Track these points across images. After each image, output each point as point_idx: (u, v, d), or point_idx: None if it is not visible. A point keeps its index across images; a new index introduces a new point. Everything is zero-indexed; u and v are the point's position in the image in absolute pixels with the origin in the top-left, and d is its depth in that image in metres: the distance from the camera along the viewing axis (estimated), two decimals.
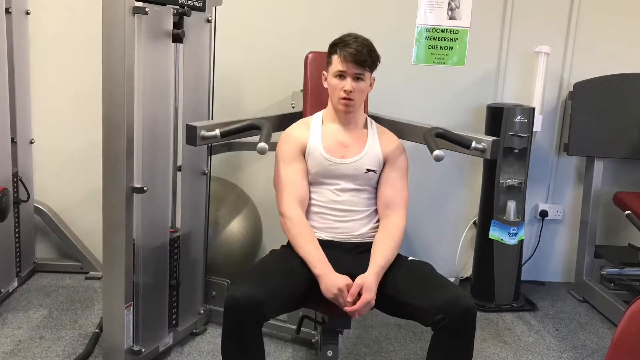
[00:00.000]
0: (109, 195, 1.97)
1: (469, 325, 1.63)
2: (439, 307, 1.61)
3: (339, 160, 1.91)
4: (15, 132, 2.71)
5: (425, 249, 3.14)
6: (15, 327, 2.43)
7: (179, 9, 2.07)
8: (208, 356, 2.31)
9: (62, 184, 2.99)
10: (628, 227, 2.97)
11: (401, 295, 1.73)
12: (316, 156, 1.92)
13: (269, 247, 1.98)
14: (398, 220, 1.90)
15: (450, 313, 1.59)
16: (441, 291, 1.66)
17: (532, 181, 2.98)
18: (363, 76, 1.90)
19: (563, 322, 2.79)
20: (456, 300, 1.61)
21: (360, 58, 1.86)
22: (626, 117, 2.92)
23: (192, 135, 1.92)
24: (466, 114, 3.05)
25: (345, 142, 1.95)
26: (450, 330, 1.61)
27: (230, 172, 2.98)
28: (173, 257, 2.25)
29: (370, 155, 1.95)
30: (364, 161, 1.93)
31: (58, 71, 2.90)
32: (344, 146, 1.94)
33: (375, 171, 1.94)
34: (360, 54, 1.86)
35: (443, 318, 1.59)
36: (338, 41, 1.92)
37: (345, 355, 2.37)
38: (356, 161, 1.93)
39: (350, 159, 1.93)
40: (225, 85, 2.70)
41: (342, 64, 1.88)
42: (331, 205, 1.91)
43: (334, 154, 1.92)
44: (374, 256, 1.80)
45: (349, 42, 1.88)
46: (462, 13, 2.96)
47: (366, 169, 1.92)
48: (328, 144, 1.94)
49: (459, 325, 1.61)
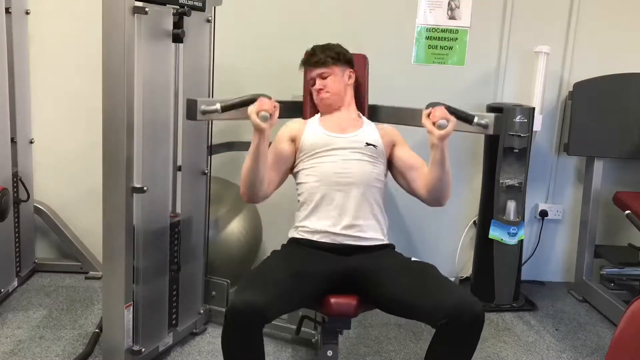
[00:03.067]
0: (109, 195, 1.97)
1: (477, 329, 1.61)
2: (447, 311, 1.58)
3: (337, 134, 1.99)
4: (15, 132, 2.71)
5: (425, 248, 3.14)
6: (15, 327, 2.43)
7: (179, 9, 2.07)
8: (208, 356, 2.31)
9: (62, 184, 3.00)
10: (628, 227, 2.97)
11: (406, 296, 1.71)
12: (315, 133, 2.00)
13: (269, 247, 1.98)
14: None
15: (459, 317, 1.57)
16: (449, 295, 1.63)
17: (532, 181, 2.98)
18: (328, 73, 2.05)
19: (563, 321, 2.80)
20: (465, 306, 1.58)
21: (316, 59, 2.05)
22: (626, 117, 2.92)
23: (192, 109, 1.89)
24: None
25: (342, 125, 2.03)
26: (457, 334, 1.59)
27: (230, 172, 2.98)
28: (173, 257, 2.25)
29: (367, 132, 2.02)
30: (362, 136, 1.99)
31: (58, 71, 2.90)
32: (342, 127, 2.03)
33: (375, 146, 1.97)
34: (313, 55, 2.06)
35: (450, 322, 1.57)
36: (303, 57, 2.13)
37: (345, 355, 2.37)
38: (354, 136, 2.00)
39: (349, 133, 2.00)
40: (225, 85, 2.70)
41: (307, 72, 2.10)
42: (332, 178, 1.90)
43: (333, 130, 2.01)
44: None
45: (309, 52, 2.10)
46: (462, 13, 2.96)
47: (365, 142, 1.97)
48: (326, 125, 2.03)
49: (467, 329, 1.59)
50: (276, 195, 2.28)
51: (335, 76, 2.05)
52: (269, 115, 1.70)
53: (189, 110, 1.90)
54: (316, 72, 2.05)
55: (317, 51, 2.06)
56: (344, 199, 1.89)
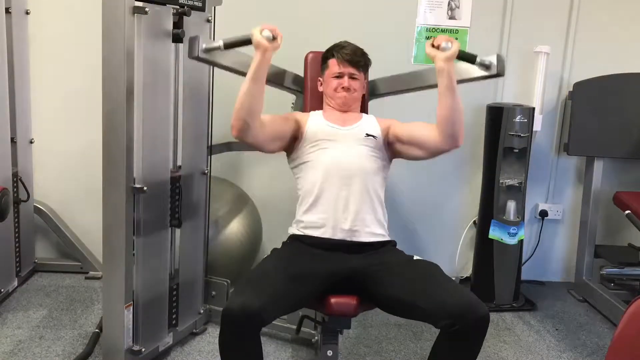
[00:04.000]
0: (108, 195, 1.97)
1: (481, 332, 1.61)
2: (450, 312, 1.58)
3: (339, 126, 2.01)
4: (15, 132, 2.71)
5: (425, 248, 3.14)
6: (15, 327, 2.43)
7: (178, 9, 2.07)
8: (208, 356, 2.31)
9: (62, 184, 2.99)
10: (628, 227, 2.97)
11: (408, 296, 1.70)
12: (318, 123, 2.02)
13: (269, 247, 1.98)
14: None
15: (464, 320, 1.56)
16: (453, 296, 1.62)
17: (532, 181, 2.98)
18: (359, 77, 2.07)
19: (563, 321, 2.80)
20: (471, 308, 1.58)
21: (355, 59, 2.05)
22: (626, 117, 2.92)
23: (194, 46, 1.87)
24: (466, 113, 2.97)
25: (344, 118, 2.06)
26: (462, 337, 1.59)
27: (230, 172, 2.98)
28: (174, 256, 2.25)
29: (367, 123, 2.05)
30: (362, 127, 2.02)
31: (58, 71, 2.90)
32: (344, 120, 2.05)
33: (375, 137, 1.99)
34: (355, 55, 2.05)
35: (454, 324, 1.57)
36: (333, 46, 2.10)
37: (345, 355, 2.37)
38: (355, 127, 2.02)
39: (350, 125, 2.03)
40: (225, 84, 2.70)
41: (338, 65, 2.05)
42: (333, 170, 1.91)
43: (335, 122, 2.03)
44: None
45: (344, 45, 2.07)
46: (462, 13, 2.96)
47: (366, 133, 2.00)
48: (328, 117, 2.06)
49: (472, 333, 1.59)
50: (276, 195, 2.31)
51: (361, 82, 2.08)
52: (271, 36, 1.76)
53: (190, 48, 1.89)
54: (349, 70, 2.04)
55: (357, 52, 2.06)
56: (345, 192, 1.89)
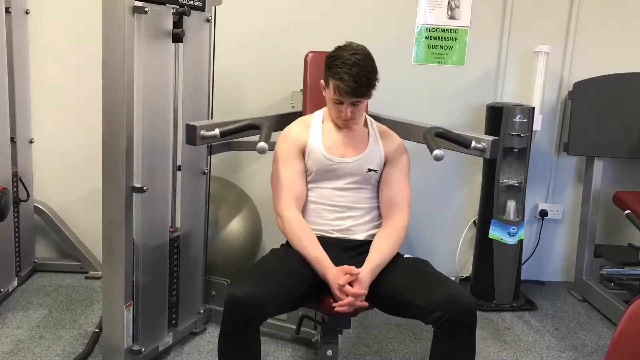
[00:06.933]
0: (108, 195, 1.97)
1: (469, 321, 1.62)
2: (438, 304, 1.60)
3: (339, 159, 1.91)
4: (15, 131, 2.71)
5: (425, 248, 3.14)
6: (15, 326, 2.43)
7: (178, 9, 2.07)
8: (208, 356, 2.31)
9: (62, 184, 2.99)
10: (628, 226, 2.97)
11: (400, 294, 1.73)
12: (317, 155, 1.91)
13: (269, 247, 1.98)
14: (399, 219, 1.90)
15: (450, 310, 1.59)
16: (440, 288, 1.66)
17: (531, 181, 2.98)
18: (361, 102, 1.88)
19: (563, 321, 2.80)
20: (455, 298, 1.61)
21: (358, 92, 1.81)
22: (626, 116, 2.92)
23: (191, 134, 1.93)
24: (466, 113, 3.05)
25: (346, 141, 1.94)
26: (451, 328, 1.60)
27: (230, 171, 2.98)
28: (173, 257, 2.25)
29: (372, 154, 1.94)
30: (366, 160, 1.93)
31: (58, 71, 2.90)
32: (345, 144, 1.94)
33: (377, 171, 1.94)
34: (359, 87, 1.80)
35: (442, 315, 1.59)
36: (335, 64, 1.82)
37: (345, 355, 2.37)
38: (357, 160, 1.92)
39: (351, 158, 1.92)
40: (225, 84, 2.70)
41: (338, 94, 1.83)
42: (331, 202, 1.91)
43: (334, 153, 1.91)
44: (371, 254, 1.80)
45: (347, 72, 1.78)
46: (462, 12, 2.96)
47: (368, 168, 1.92)
48: (329, 142, 1.93)
49: (459, 323, 1.61)
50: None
51: (364, 104, 1.92)
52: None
53: (188, 136, 1.95)
54: (352, 100, 1.85)
55: (360, 82, 1.79)
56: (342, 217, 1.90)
